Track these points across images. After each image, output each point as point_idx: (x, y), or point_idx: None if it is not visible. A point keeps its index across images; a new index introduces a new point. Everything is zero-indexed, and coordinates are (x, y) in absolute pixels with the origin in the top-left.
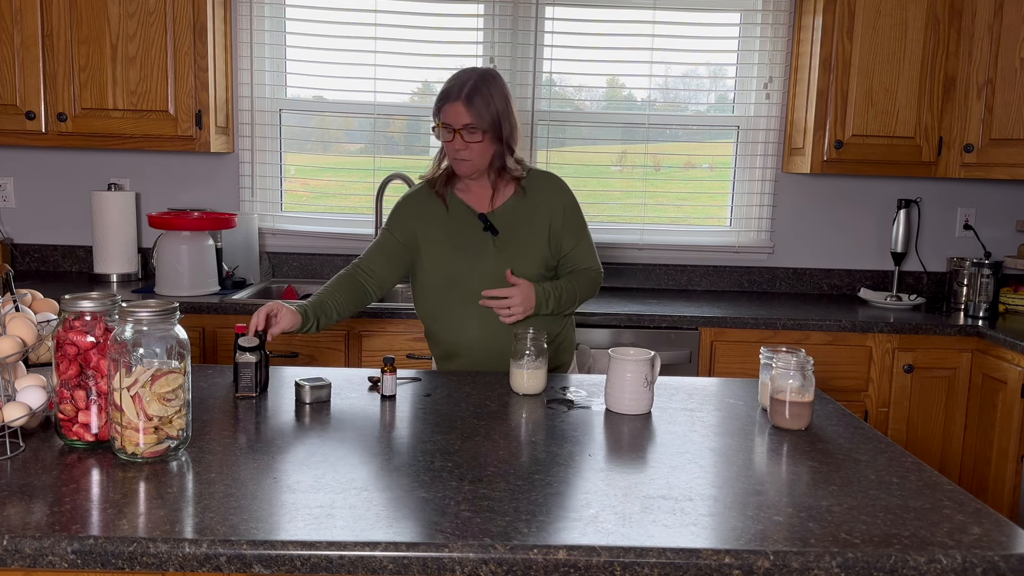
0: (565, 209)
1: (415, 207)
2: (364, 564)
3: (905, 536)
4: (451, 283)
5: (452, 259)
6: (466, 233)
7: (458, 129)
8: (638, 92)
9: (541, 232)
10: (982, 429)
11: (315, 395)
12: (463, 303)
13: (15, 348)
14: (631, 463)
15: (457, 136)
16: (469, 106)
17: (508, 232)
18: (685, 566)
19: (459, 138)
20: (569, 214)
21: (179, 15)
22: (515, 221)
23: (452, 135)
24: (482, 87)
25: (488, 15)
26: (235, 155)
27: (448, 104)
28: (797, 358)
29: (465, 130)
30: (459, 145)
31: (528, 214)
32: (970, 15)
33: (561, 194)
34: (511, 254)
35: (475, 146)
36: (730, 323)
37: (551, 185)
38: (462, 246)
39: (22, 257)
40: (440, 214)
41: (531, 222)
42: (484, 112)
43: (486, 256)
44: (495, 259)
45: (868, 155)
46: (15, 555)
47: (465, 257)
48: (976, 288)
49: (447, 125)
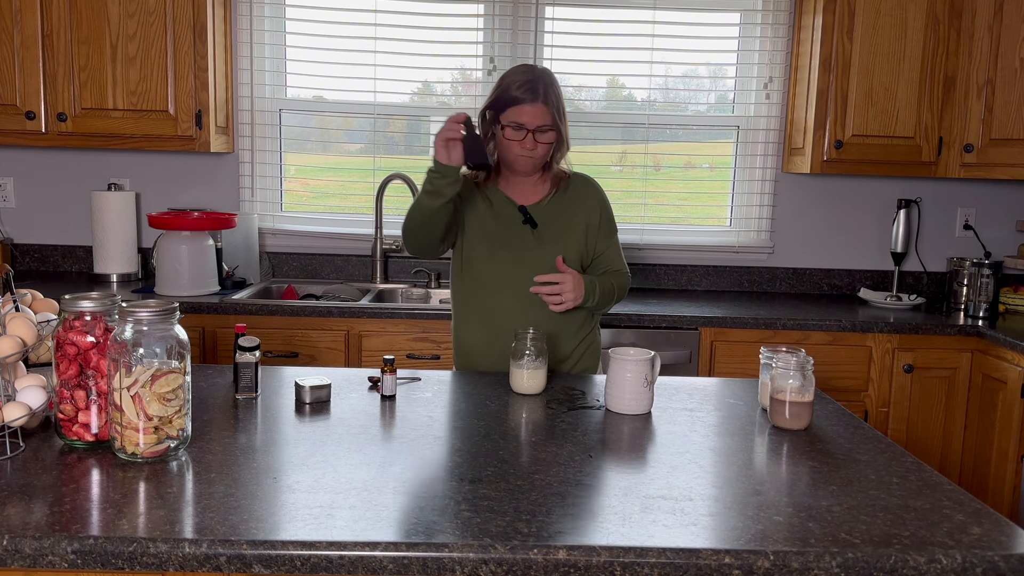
0: (602, 210)
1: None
2: (364, 564)
3: (905, 536)
4: (491, 272)
5: (494, 248)
6: (506, 225)
7: (531, 129)
8: (638, 92)
9: (578, 230)
10: (982, 429)
11: (315, 395)
12: (503, 296)
13: (15, 348)
14: (631, 463)
15: (529, 136)
16: (548, 104)
17: (547, 227)
18: (685, 566)
19: (531, 138)
20: (605, 216)
21: (179, 15)
22: (554, 217)
23: (524, 135)
24: (553, 86)
25: (488, 15)
26: (235, 155)
27: (526, 104)
28: (797, 358)
29: (539, 130)
30: (530, 145)
31: (566, 212)
32: (970, 15)
33: (598, 195)
34: (549, 248)
35: (544, 146)
36: (730, 323)
37: (589, 186)
38: (503, 237)
39: (22, 257)
40: (483, 205)
41: (569, 219)
42: (557, 111)
43: (524, 247)
44: (531, 250)
45: (868, 155)
46: (15, 555)
47: (505, 247)
48: (976, 288)
49: (519, 125)
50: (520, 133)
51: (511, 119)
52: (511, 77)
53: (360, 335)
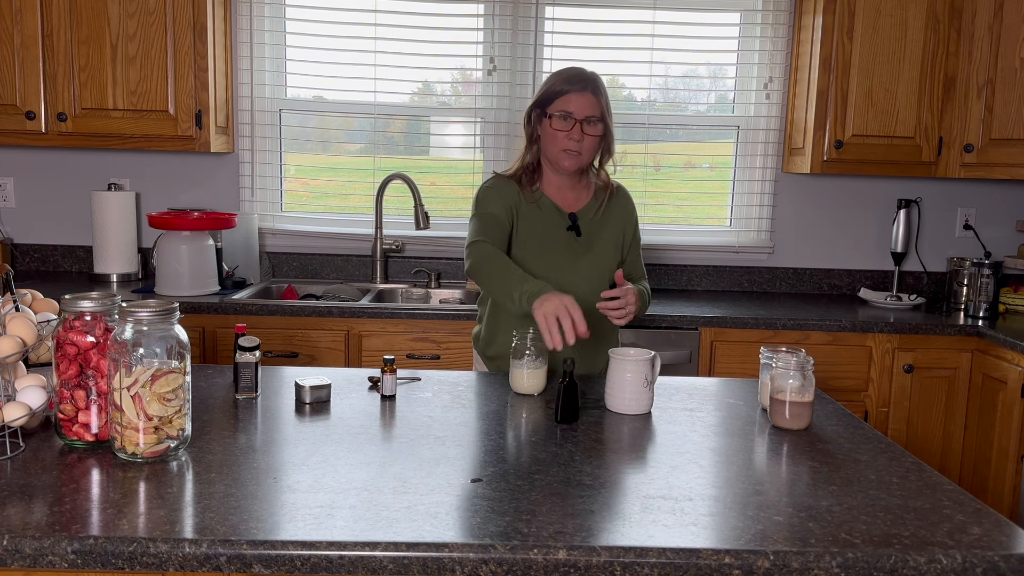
0: (635, 227)
1: (509, 194)
2: (364, 564)
3: (905, 536)
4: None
5: (541, 254)
6: (554, 231)
7: (580, 119)
8: (638, 92)
9: (616, 240)
10: (982, 429)
11: (315, 395)
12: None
13: (15, 348)
14: (631, 463)
15: (577, 126)
16: (598, 96)
17: (589, 234)
18: (685, 566)
19: (578, 128)
20: (636, 230)
21: (179, 15)
22: (595, 225)
23: (572, 124)
24: (602, 83)
25: (488, 15)
26: (235, 155)
27: (574, 93)
28: (797, 358)
29: (587, 121)
30: (577, 135)
31: (605, 221)
32: (970, 15)
33: (633, 207)
34: (591, 256)
35: (592, 139)
36: (730, 323)
37: (626, 197)
38: (550, 243)
39: (22, 257)
40: (529, 208)
41: (608, 229)
42: (606, 105)
43: (572, 254)
44: (579, 257)
45: (868, 155)
46: (15, 555)
47: (553, 253)
48: (976, 288)
49: (567, 114)
50: (568, 123)
51: (559, 108)
52: (558, 75)
53: (360, 335)
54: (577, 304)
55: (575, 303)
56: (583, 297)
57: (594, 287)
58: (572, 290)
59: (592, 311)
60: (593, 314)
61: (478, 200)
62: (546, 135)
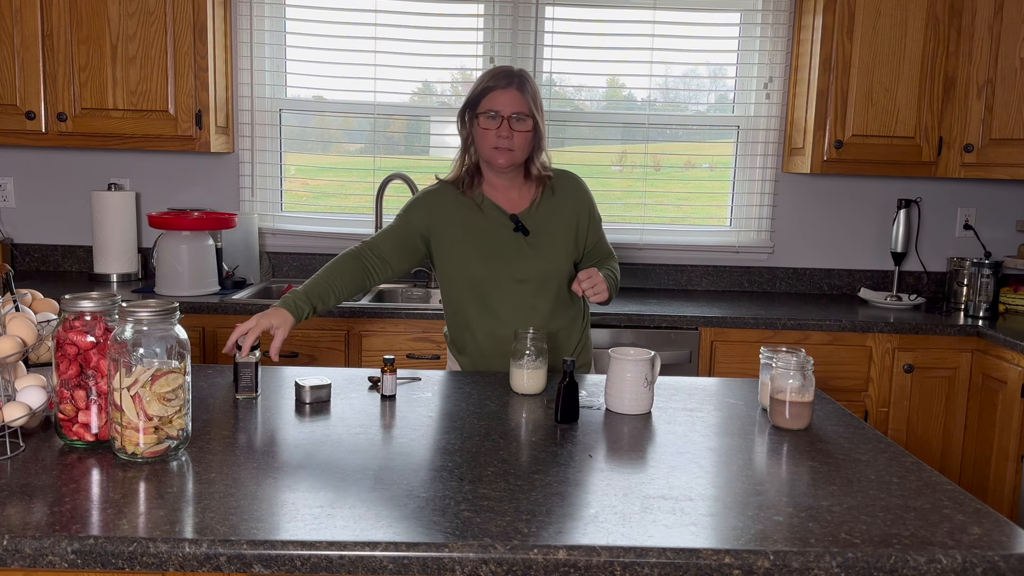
0: (590, 208)
1: (441, 203)
2: (364, 564)
3: (905, 536)
4: (485, 282)
5: (486, 258)
6: (497, 233)
7: (506, 116)
8: (638, 92)
9: (569, 231)
10: (982, 429)
11: (315, 395)
12: (497, 301)
13: (15, 348)
14: (631, 463)
15: (504, 123)
16: (523, 92)
17: (537, 232)
18: (685, 566)
19: (506, 125)
20: (592, 212)
21: (179, 15)
22: (543, 221)
23: (499, 122)
24: (528, 79)
25: (488, 15)
26: (235, 155)
27: (498, 91)
28: (797, 358)
29: (515, 117)
30: (505, 132)
31: (555, 214)
32: (970, 15)
33: (585, 194)
34: (541, 252)
35: (521, 135)
36: (730, 323)
37: (575, 186)
38: (495, 246)
39: (22, 257)
40: (469, 214)
41: (558, 221)
42: (533, 101)
43: (519, 255)
44: (527, 258)
45: (868, 155)
46: (15, 555)
47: (499, 256)
48: (976, 288)
49: (494, 112)
50: (495, 121)
51: (485, 107)
52: (485, 73)
53: (360, 335)
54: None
55: (275, 327)
56: (535, 295)
57: (546, 285)
58: (523, 290)
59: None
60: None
61: (407, 204)
62: (477, 135)
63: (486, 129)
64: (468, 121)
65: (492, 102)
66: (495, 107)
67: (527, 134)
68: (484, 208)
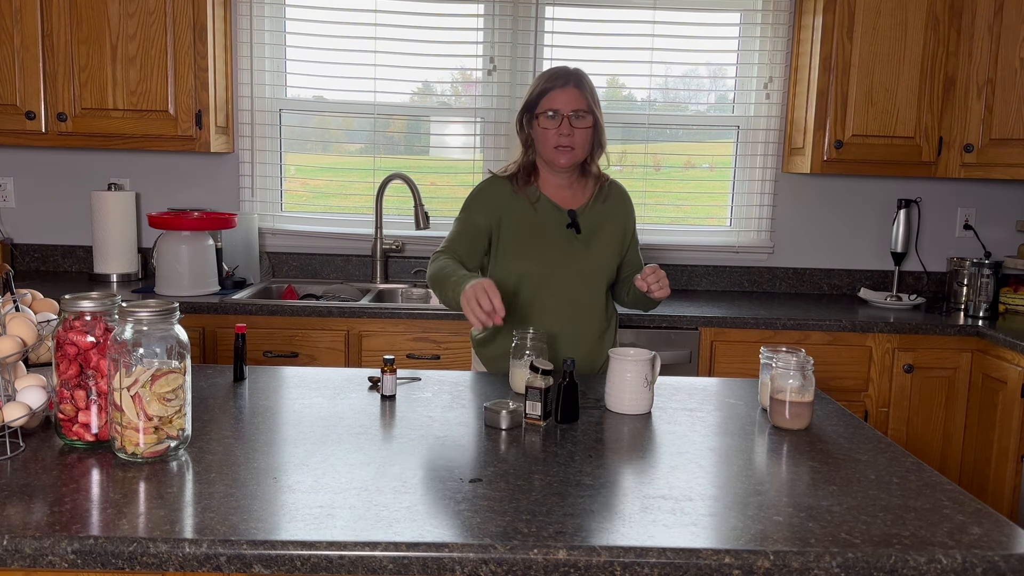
0: (633, 223)
1: (498, 197)
2: (364, 564)
3: (905, 536)
4: (538, 273)
5: (535, 252)
6: (550, 228)
7: (566, 114)
8: (638, 92)
9: (616, 237)
10: (982, 429)
11: (512, 420)
12: (546, 296)
13: (15, 348)
14: (631, 463)
15: (565, 121)
16: (581, 89)
17: (589, 232)
18: (685, 566)
19: (567, 123)
20: (634, 224)
21: (179, 15)
22: (595, 222)
23: (560, 120)
24: (585, 78)
25: (488, 15)
26: (235, 155)
27: (557, 91)
28: (797, 358)
29: (575, 115)
30: (566, 130)
31: (605, 218)
32: (970, 15)
33: (631, 208)
34: (592, 252)
35: (582, 132)
36: (730, 323)
37: (625, 198)
38: (545, 240)
39: (22, 257)
40: (525, 209)
41: (609, 226)
42: (591, 97)
43: (571, 252)
44: (579, 256)
45: (868, 155)
46: (15, 555)
47: (553, 251)
48: (976, 288)
49: (552, 112)
50: (555, 120)
51: (545, 107)
52: (542, 75)
53: (360, 335)
54: (496, 289)
55: (494, 286)
56: (577, 293)
57: (590, 285)
58: (567, 287)
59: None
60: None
61: (465, 204)
62: (538, 136)
63: (546, 129)
64: (526, 124)
65: (551, 102)
66: (554, 106)
67: (587, 131)
68: (539, 203)
